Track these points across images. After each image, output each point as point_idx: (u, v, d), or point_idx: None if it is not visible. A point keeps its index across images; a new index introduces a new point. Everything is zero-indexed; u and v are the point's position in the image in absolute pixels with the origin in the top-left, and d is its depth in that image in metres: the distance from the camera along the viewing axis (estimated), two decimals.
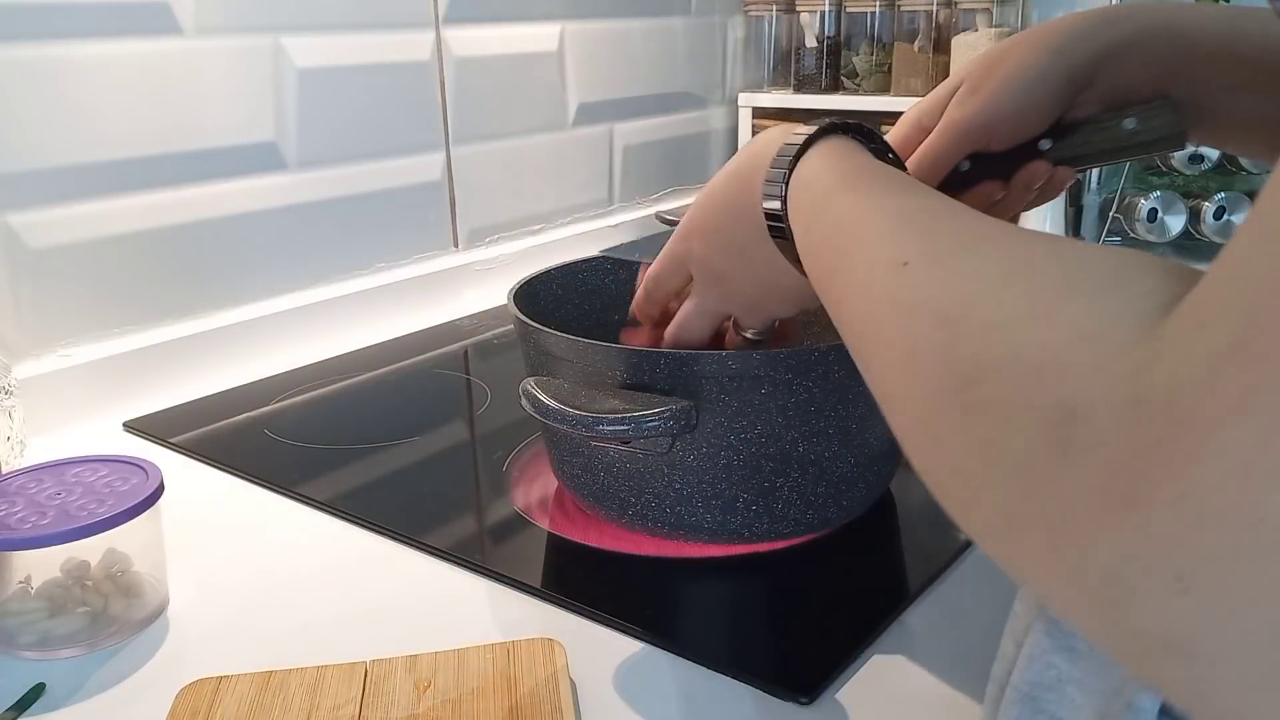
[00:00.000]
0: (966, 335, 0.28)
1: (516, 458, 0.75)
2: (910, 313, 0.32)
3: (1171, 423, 0.21)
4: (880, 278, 0.34)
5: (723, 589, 0.60)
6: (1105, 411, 0.23)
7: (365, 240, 1.09)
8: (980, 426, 0.27)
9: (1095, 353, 0.24)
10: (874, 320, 0.34)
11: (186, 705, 0.48)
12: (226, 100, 0.95)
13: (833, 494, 0.61)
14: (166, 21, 0.89)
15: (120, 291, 0.90)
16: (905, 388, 0.31)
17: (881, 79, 1.45)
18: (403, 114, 1.10)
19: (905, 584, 0.59)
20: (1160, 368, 0.22)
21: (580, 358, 0.58)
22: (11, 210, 0.82)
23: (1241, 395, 0.20)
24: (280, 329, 1.00)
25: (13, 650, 0.54)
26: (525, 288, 0.69)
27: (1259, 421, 0.20)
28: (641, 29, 1.38)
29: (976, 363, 0.27)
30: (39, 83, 0.82)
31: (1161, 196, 1.24)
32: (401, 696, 0.48)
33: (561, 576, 0.60)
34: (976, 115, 0.53)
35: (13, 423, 0.73)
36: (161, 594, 0.58)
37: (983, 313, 0.29)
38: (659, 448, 0.58)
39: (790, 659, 0.52)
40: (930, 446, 0.30)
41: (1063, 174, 0.55)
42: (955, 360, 0.28)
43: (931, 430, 0.29)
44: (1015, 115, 0.53)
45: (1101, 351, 0.24)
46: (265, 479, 0.74)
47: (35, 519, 0.53)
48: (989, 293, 0.29)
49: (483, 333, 1.07)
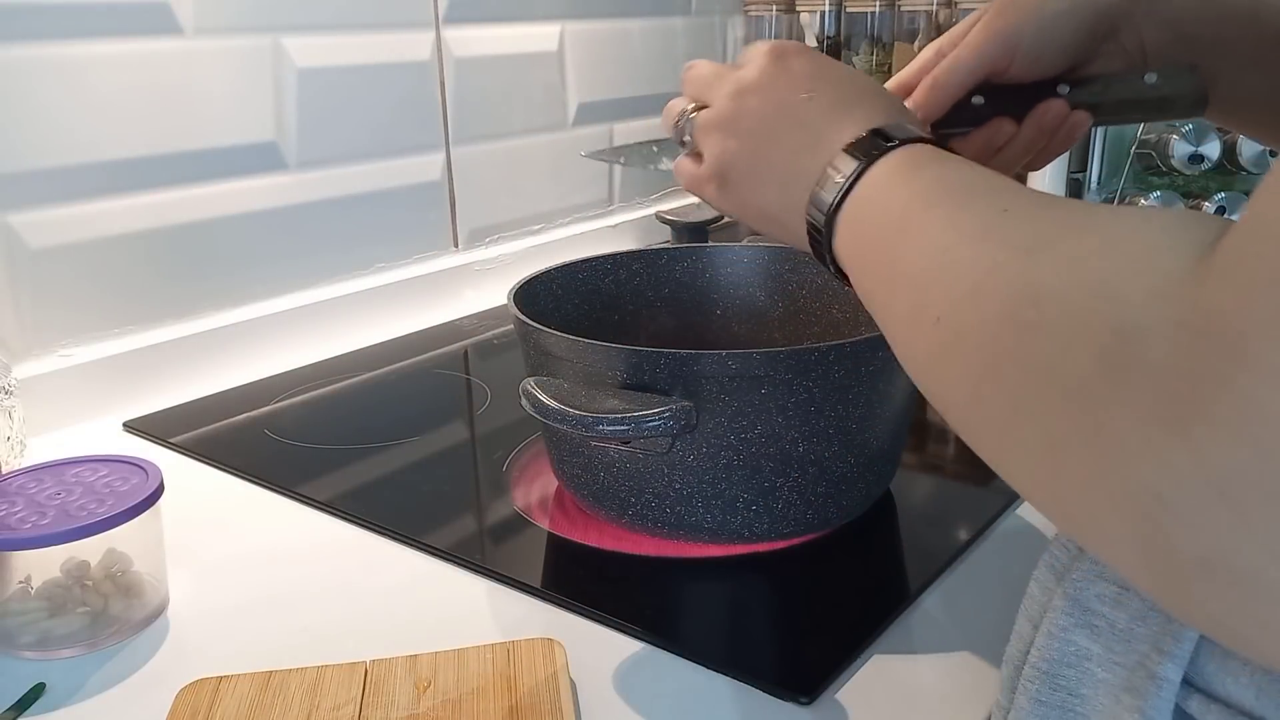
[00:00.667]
0: (1041, 264, 0.30)
1: (516, 458, 0.75)
2: (996, 243, 0.32)
3: (1218, 346, 0.23)
4: (968, 223, 0.35)
5: (723, 589, 0.60)
6: (1157, 335, 0.24)
7: (365, 240, 1.09)
8: (1039, 346, 0.28)
9: (1151, 282, 0.26)
10: (948, 256, 0.34)
11: (186, 705, 0.48)
12: (226, 100, 0.95)
13: (833, 494, 0.61)
14: (166, 21, 0.89)
15: (120, 291, 0.90)
16: (970, 314, 0.32)
17: (881, 79, 1.44)
18: (402, 114, 1.10)
19: (905, 584, 0.59)
20: (1207, 295, 0.24)
21: (580, 358, 0.58)
22: (11, 210, 0.82)
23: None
24: (280, 329, 1.00)
25: (13, 650, 0.54)
26: (525, 288, 0.69)
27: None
28: (641, 29, 1.38)
29: (1045, 287, 0.29)
30: (39, 83, 0.82)
31: (1161, 196, 1.23)
32: (401, 696, 0.48)
33: (561, 576, 0.60)
34: (995, 35, 0.52)
35: (13, 423, 0.73)
36: (161, 594, 0.58)
37: (1062, 248, 0.30)
38: (659, 448, 0.58)
39: (790, 659, 0.52)
40: (985, 371, 0.31)
41: (1079, 118, 0.54)
42: (1027, 284, 0.30)
43: (990, 354, 0.30)
44: (1034, 42, 0.52)
45: (1156, 281, 0.26)
46: (265, 479, 0.74)
47: (35, 519, 0.53)
48: (1069, 233, 0.30)
49: (483, 333, 1.07)
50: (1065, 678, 0.36)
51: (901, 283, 0.37)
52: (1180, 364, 0.24)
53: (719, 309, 0.79)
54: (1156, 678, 0.32)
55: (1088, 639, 0.35)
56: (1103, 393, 0.25)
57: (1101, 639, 0.35)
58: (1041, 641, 0.37)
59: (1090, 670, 0.35)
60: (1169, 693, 0.32)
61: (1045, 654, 0.36)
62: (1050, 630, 0.36)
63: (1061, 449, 0.27)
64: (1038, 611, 0.38)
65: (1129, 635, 0.34)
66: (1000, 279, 0.31)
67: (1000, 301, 0.30)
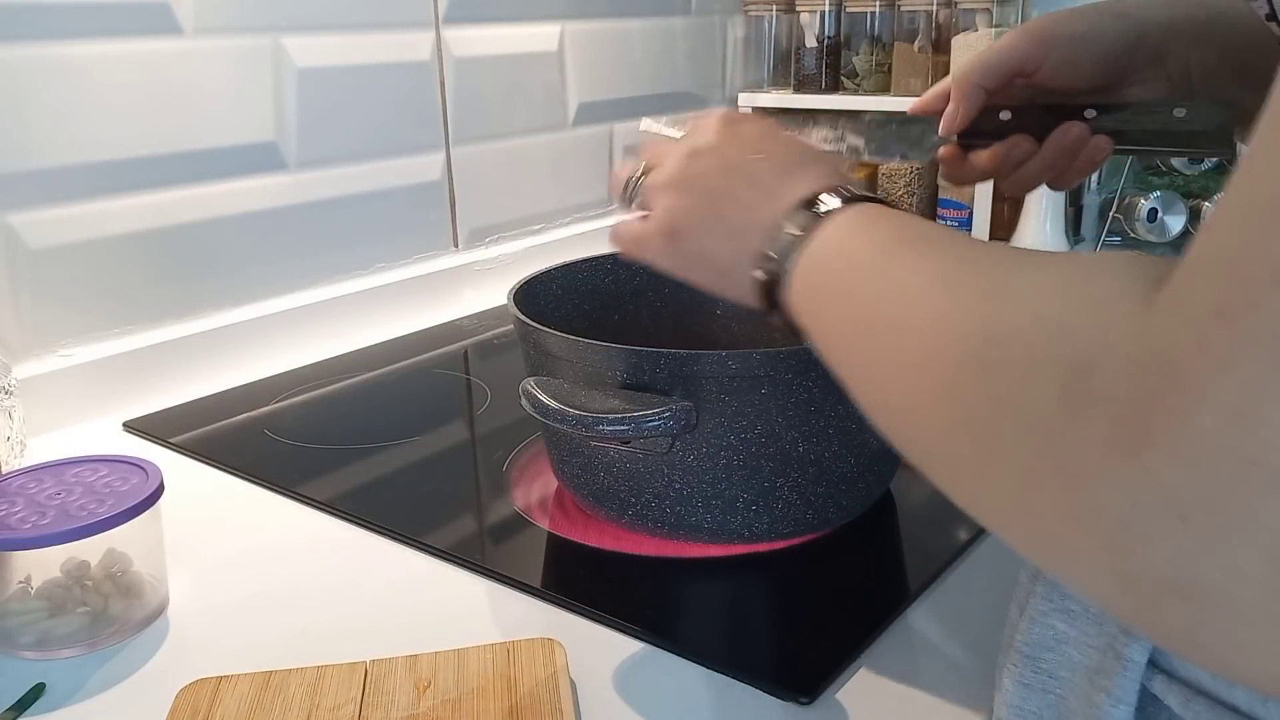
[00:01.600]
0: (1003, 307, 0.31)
1: (516, 458, 0.75)
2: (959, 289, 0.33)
3: (1169, 377, 0.24)
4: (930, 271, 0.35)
5: (723, 589, 0.60)
6: (1112, 368, 0.26)
7: (365, 240, 1.09)
8: (1005, 384, 0.29)
9: (1105, 320, 0.27)
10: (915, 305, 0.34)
11: (186, 705, 0.48)
12: (226, 100, 0.95)
13: (833, 494, 0.61)
14: (166, 21, 0.89)
15: (120, 291, 0.90)
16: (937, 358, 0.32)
17: (881, 79, 1.45)
18: (402, 114, 1.10)
19: (905, 584, 0.59)
20: (1157, 328, 0.25)
21: (580, 358, 0.58)
22: (11, 210, 0.82)
23: (1228, 349, 0.23)
24: (280, 329, 1.00)
25: (13, 650, 0.54)
26: (525, 288, 0.69)
27: (1245, 372, 0.22)
28: (641, 29, 1.38)
29: (1007, 327, 0.30)
30: (39, 83, 0.82)
31: (1161, 196, 1.24)
32: (401, 696, 0.48)
33: (561, 576, 0.60)
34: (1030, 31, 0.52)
35: (13, 423, 0.73)
36: (161, 594, 0.58)
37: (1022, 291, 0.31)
38: (659, 448, 0.58)
39: (790, 659, 0.52)
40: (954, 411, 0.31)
41: (1100, 143, 0.53)
42: (991, 326, 0.31)
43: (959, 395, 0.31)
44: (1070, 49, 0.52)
45: (1110, 318, 0.27)
46: (265, 479, 0.74)
47: (35, 519, 0.53)
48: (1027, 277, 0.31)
49: (483, 333, 1.07)
50: (1045, 661, 0.38)
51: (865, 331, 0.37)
52: (1132, 395, 0.25)
53: (719, 309, 0.79)
54: (1124, 659, 0.34)
55: (1064, 623, 0.37)
56: (1065, 426, 0.26)
57: (1077, 623, 0.37)
58: (1024, 626, 0.38)
59: (1067, 653, 0.37)
60: (1134, 673, 0.34)
61: (1027, 638, 0.38)
62: (1032, 615, 0.38)
63: (1031, 484, 0.28)
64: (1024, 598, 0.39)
65: (1100, 619, 0.36)
66: (964, 323, 0.32)
67: (966, 344, 0.31)
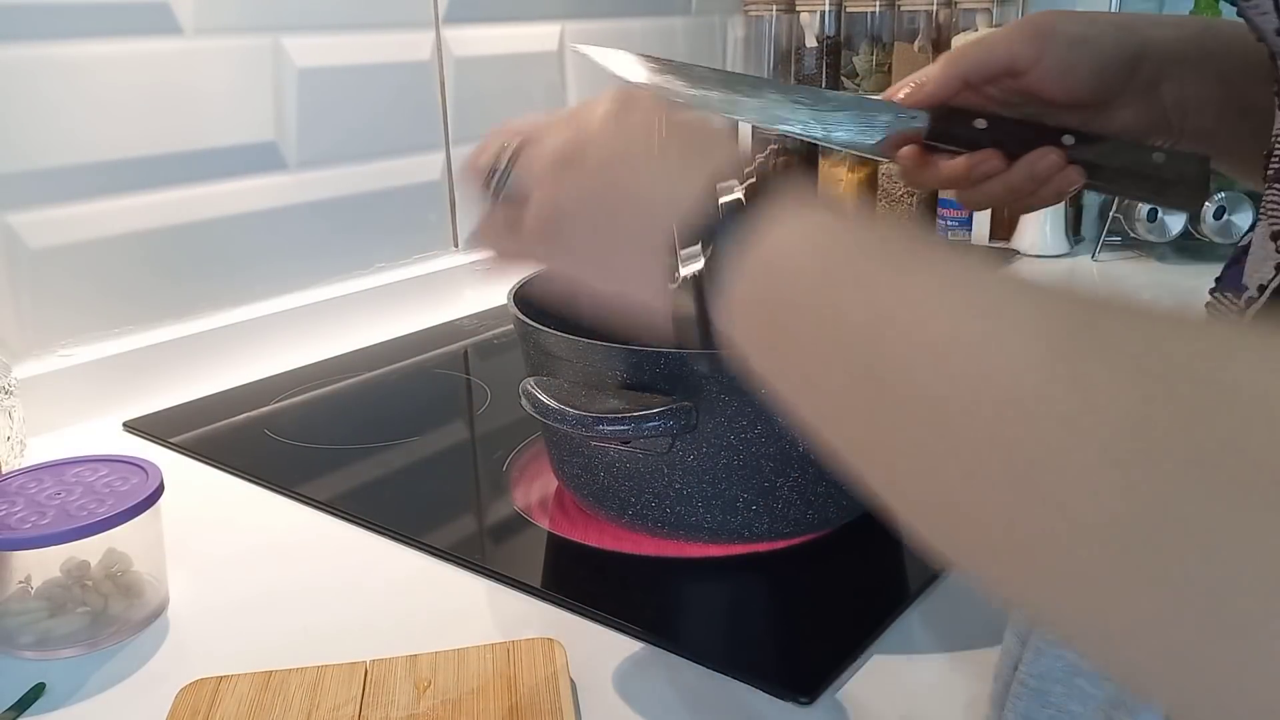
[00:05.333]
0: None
1: (516, 458, 0.75)
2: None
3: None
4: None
5: (723, 589, 0.60)
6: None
7: (365, 240, 1.09)
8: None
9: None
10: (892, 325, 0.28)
11: (186, 705, 0.48)
12: (226, 100, 0.95)
13: (833, 494, 0.61)
14: (166, 21, 0.89)
15: (120, 291, 0.90)
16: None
17: (881, 79, 1.45)
18: (402, 114, 1.10)
19: (905, 584, 0.59)
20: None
21: (580, 358, 0.58)
22: (11, 210, 0.82)
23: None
24: (280, 329, 1.00)
25: (13, 650, 0.54)
26: (525, 287, 0.69)
27: None
28: (641, 29, 1.38)
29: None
30: (39, 83, 0.82)
31: None
32: (401, 696, 0.48)
33: (561, 576, 0.60)
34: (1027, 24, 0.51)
35: (13, 423, 0.73)
36: (161, 594, 0.58)
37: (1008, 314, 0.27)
38: (659, 448, 0.58)
39: (790, 659, 0.52)
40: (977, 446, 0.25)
41: (1072, 175, 0.51)
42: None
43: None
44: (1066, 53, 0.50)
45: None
46: (265, 479, 0.74)
47: (35, 519, 0.53)
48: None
49: (483, 333, 1.07)
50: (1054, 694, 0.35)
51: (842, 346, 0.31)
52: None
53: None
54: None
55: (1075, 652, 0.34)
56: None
57: None
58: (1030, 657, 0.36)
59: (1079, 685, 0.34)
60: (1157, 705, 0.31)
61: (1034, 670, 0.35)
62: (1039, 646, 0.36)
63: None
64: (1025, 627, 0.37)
65: None
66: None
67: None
